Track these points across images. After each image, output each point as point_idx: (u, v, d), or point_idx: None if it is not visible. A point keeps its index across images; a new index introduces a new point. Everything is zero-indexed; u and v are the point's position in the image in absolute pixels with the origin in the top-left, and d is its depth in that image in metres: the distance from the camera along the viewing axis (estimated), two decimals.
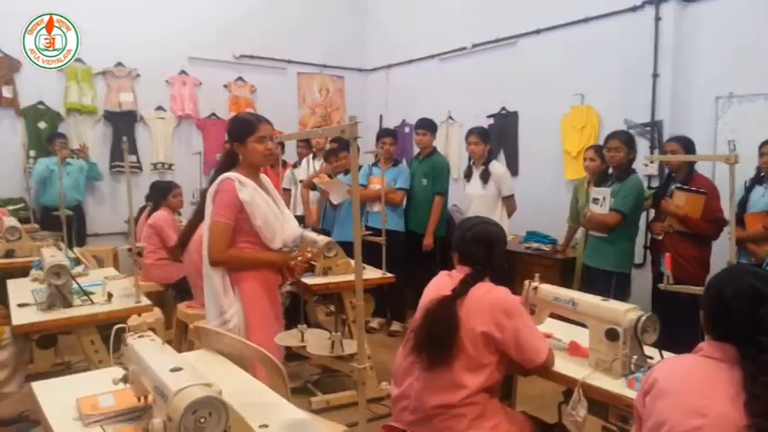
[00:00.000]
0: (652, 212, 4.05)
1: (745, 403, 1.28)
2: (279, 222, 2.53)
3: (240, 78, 6.94)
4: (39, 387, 1.78)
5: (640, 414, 1.45)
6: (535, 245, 4.93)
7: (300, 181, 5.77)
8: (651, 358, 1.94)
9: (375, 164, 5.02)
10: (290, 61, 7.24)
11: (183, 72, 6.59)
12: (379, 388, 3.48)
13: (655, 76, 4.64)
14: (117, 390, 1.64)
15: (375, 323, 5.03)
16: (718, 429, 1.29)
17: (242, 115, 2.75)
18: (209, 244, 2.41)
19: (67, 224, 4.15)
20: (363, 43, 7.85)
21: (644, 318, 1.91)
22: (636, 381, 1.81)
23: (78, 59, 5.93)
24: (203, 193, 2.55)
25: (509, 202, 4.65)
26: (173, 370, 1.35)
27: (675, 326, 3.29)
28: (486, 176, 4.60)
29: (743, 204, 3.70)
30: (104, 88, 6.20)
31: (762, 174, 3.69)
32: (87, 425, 1.55)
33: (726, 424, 1.29)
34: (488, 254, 2.03)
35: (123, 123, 6.26)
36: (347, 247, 3.39)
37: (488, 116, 6.03)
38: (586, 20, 5.12)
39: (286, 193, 5.83)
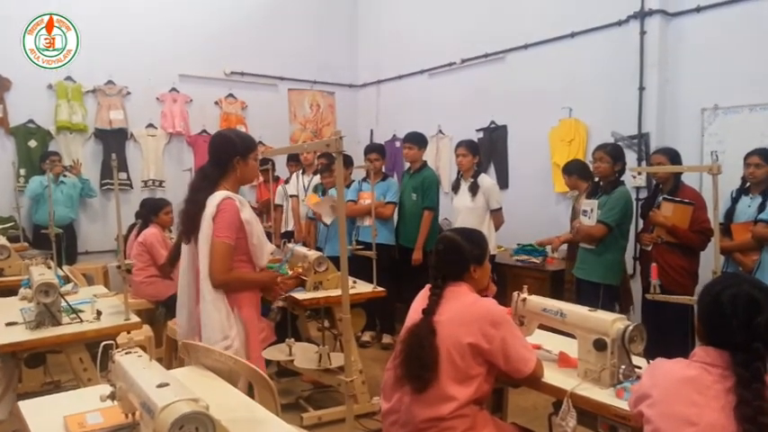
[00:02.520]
0: (641, 223, 4.09)
1: (735, 408, 1.30)
2: (265, 239, 2.53)
3: (231, 95, 6.97)
4: (26, 406, 1.77)
5: (640, 422, 1.46)
6: (525, 257, 4.95)
7: (291, 196, 5.79)
8: (639, 368, 1.95)
9: (365, 179, 5.04)
10: (280, 78, 7.28)
11: (173, 89, 6.61)
12: (370, 403, 3.47)
13: (641, 89, 4.69)
14: (105, 407, 1.63)
15: (367, 336, 5.03)
16: None
17: (235, 132, 2.73)
18: (213, 266, 2.34)
19: (57, 242, 4.13)
20: (354, 59, 7.91)
21: (631, 327, 1.92)
22: (624, 390, 1.82)
23: (68, 77, 5.97)
24: (186, 209, 2.49)
25: (496, 216, 4.67)
26: (159, 386, 1.34)
27: (665, 335, 3.32)
28: (474, 189, 4.61)
29: (730, 215, 3.73)
30: (95, 106, 6.20)
31: (747, 184, 3.72)
32: None
33: None
34: (454, 262, 2.05)
35: (114, 141, 6.26)
36: (338, 262, 3.40)
37: (478, 130, 6.08)
38: (573, 35, 5.19)
39: (278, 208, 5.86)
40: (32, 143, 5.91)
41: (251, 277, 2.49)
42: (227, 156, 2.48)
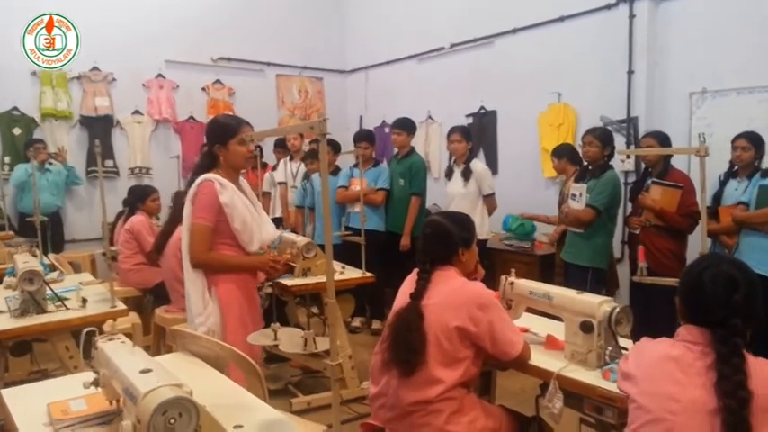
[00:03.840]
0: (629, 207, 4.10)
1: (716, 384, 1.33)
2: (257, 225, 2.51)
3: (218, 81, 6.89)
4: (8, 394, 1.75)
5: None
6: (515, 242, 4.96)
7: (279, 183, 5.76)
8: (625, 349, 1.95)
9: (356, 165, 5.02)
10: (268, 63, 7.21)
11: (159, 75, 6.53)
12: (360, 387, 3.48)
13: (629, 73, 4.69)
14: (89, 394, 1.61)
15: (357, 322, 5.03)
16: (691, 413, 1.34)
17: (222, 117, 2.74)
18: (190, 247, 2.40)
19: (43, 230, 4.09)
20: (342, 44, 7.85)
21: (617, 309, 1.93)
22: (610, 372, 1.82)
23: None
24: (176, 197, 2.54)
25: (489, 201, 4.66)
26: (142, 371, 1.33)
27: (653, 318, 3.34)
28: (467, 174, 4.59)
29: (717, 198, 3.75)
30: (80, 93, 6.13)
31: (735, 168, 3.74)
32: (58, 430, 1.53)
33: (697, 408, 1.33)
34: (442, 246, 2.04)
35: (100, 128, 6.19)
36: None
37: (467, 115, 6.06)
38: (562, 18, 5.17)
39: (266, 195, 5.82)
40: (17, 130, 5.83)
41: (236, 260, 2.48)
42: (209, 143, 2.53)
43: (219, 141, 2.48)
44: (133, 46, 6.26)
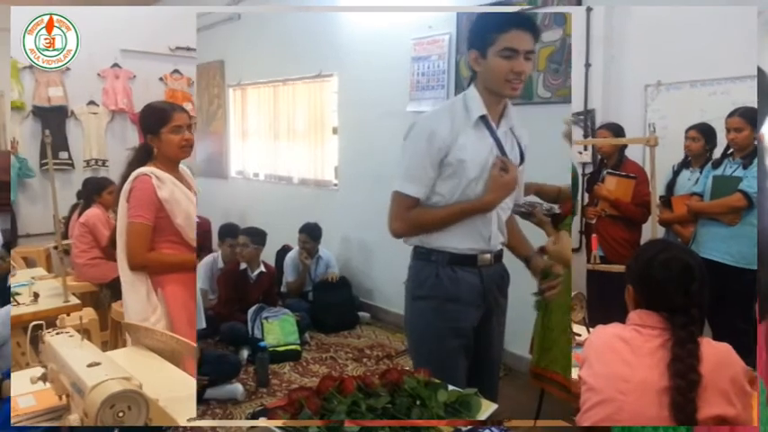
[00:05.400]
0: (587, 198, 4.17)
1: (669, 364, 1.38)
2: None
3: (176, 71, 6.74)
4: None
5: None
6: None
7: None
8: (579, 335, 2.00)
9: None
10: None
11: (115, 65, 6.36)
12: None
13: (587, 65, 4.75)
14: (38, 390, 1.57)
15: None
16: (641, 392, 1.38)
17: (154, 104, 2.50)
18: (128, 248, 2.25)
19: None
20: None
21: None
22: None
23: None
24: (117, 192, 2.39)
25: None
26: (90, 365, 1.31)
27: (608, 306, 3.41)
28: None
29: (671, 187, 3.84)
30: (32, 83, 5.93)
31: (688, 158, 3.83)
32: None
33: (646, 388, 1.38)
34: None
35: (53, 119, 6.01)
36: None
37: None
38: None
39: None
40: None
41: (178, 259, 2.33)
42: (143, 133, 2.38)
43: (151, 131, 2.32)
44: (87, 35, 6.03)
